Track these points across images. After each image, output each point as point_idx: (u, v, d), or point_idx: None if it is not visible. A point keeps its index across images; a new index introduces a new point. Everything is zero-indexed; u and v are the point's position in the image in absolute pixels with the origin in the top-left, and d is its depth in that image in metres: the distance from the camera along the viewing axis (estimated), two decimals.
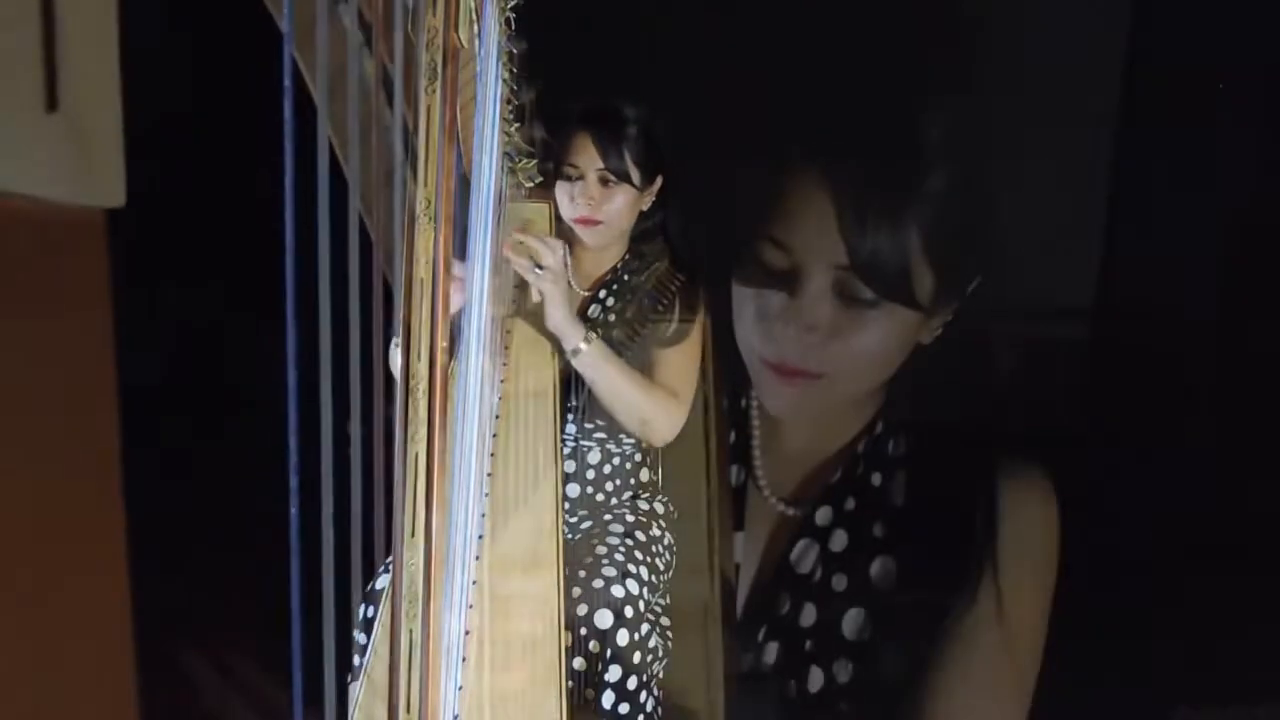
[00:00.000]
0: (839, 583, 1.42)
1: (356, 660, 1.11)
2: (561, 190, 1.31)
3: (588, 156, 1.27)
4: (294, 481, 0.54)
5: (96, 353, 0.38)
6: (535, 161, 1.33)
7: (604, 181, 1.27)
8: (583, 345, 1.25)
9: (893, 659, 1.38)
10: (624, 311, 1.32)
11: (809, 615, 1.42)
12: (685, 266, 1.31)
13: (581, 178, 1.27)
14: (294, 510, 0.55)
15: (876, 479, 1.46)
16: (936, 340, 1.42)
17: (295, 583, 0.57)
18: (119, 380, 0.41)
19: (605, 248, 1.34)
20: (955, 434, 1.46)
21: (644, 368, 1.32)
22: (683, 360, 1.31)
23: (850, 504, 1.46)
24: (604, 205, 1.27)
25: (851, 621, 1.40)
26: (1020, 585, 1.37)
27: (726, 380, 1.52)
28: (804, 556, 1.45)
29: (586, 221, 1.29)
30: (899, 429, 1.48)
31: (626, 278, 1.34)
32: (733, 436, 1.54)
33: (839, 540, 1.44)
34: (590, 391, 1.32)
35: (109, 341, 0.39)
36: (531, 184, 1.36)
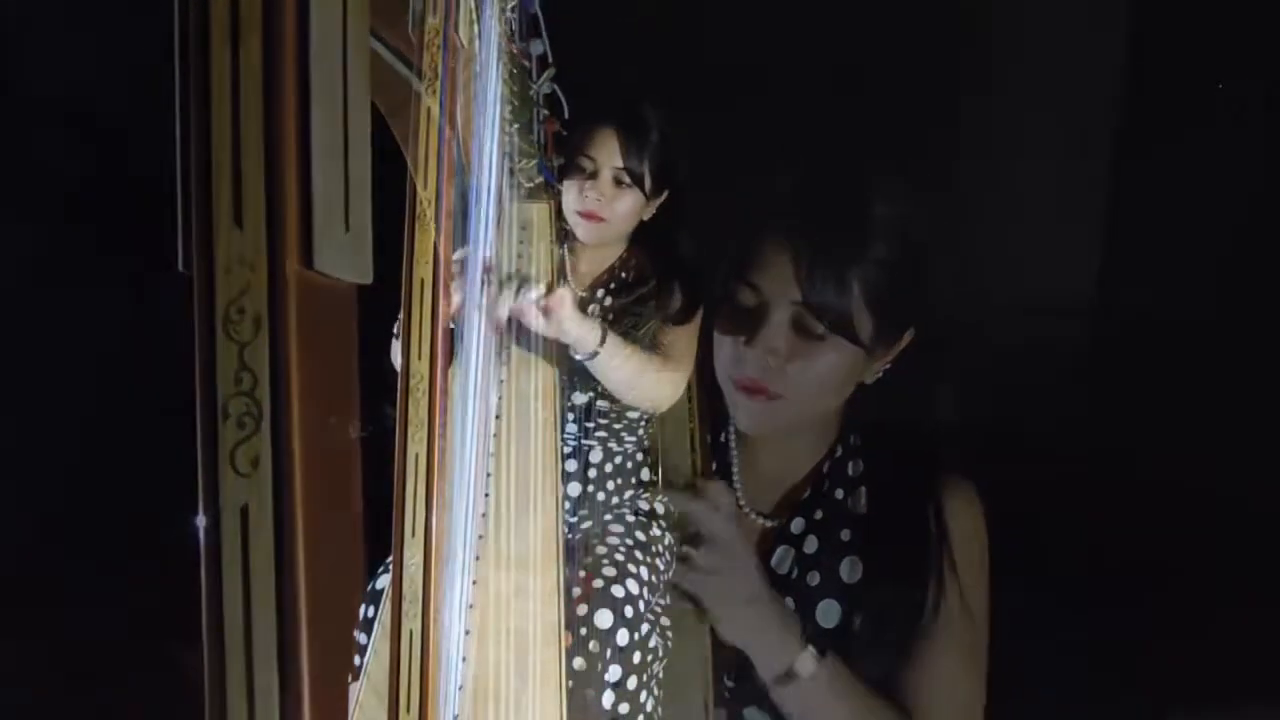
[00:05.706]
0: (813, 579, 1.61)
1: (356, 660, 1.07)
2: (571, 184, 1.26)
3: (607, 152, 1.21)
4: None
5: (350, 360, 0.63)
6: (535, 162, 1.25)
7: (617, 181, 1.22)
8: (599, 349, 1.17)
9: (862, 642, 1.55)
10: (636, 328, 1.29)
11: (789, 607, 1.58)
12: (680, 316, 1.29)
13: (595, 173, 1.21)
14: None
15: (839, 493, 1.65)
16: (877, 381, 1.61)
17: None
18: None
19: (603, 246, 1.30)
20: (901, 455, 1.65)
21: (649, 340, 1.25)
22: (687, 336, 1.30)
23: (819, 514, 1.65)
24: (613, 204, 1.21)
25: (824, 611, 1.59)
26: (970, 581, 1.57)
27: (708, 419, 1.73)
28: (783, 560, 1.64)
29: (592, 216, 1.23)
30: (855, 452, 1.68)
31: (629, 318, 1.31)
32: (714, 465, 1.73)
33: (811, 544, 1.63)
34: (593, 392, 1.27)
35: (355, 347, 0.63)
36: (530, 184, 1.27)
